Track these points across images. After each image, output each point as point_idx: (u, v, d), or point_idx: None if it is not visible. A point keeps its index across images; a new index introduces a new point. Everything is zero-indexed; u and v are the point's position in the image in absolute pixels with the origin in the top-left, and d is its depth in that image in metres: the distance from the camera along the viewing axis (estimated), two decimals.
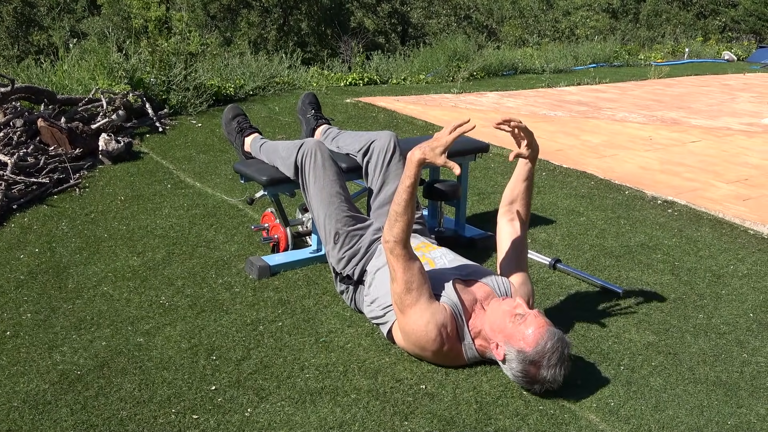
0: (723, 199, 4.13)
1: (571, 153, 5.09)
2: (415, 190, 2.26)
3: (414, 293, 2.24)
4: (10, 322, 2.52)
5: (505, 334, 2.18)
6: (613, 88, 8.54)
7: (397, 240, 2.25)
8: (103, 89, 5.29)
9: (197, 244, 3.24)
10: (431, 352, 2.27)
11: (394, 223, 2.26)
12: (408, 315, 2.25)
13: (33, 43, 19.91)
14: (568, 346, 2.16)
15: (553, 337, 2.12)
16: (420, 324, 2.23)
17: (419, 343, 2.26)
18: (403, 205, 2.25)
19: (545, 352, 2.10)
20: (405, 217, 2.25)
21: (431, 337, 2.23)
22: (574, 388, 2.22)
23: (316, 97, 3.40)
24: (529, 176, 2.54)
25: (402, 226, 2.25)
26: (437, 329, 2.22)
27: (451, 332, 2.25)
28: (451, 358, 2.29)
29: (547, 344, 2.11)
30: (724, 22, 21.72)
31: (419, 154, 2.24)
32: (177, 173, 4.32)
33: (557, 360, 2.11)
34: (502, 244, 2.55)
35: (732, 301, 2.89)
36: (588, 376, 2.30)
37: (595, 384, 2.26)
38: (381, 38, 23.23)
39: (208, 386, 2.16)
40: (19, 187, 3.77)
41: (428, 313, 2.23)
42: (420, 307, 2.24)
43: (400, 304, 2.27)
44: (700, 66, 11.49)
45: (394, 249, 2.26)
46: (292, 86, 7.15)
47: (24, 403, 2.05)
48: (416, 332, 2.25)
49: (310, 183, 2.76)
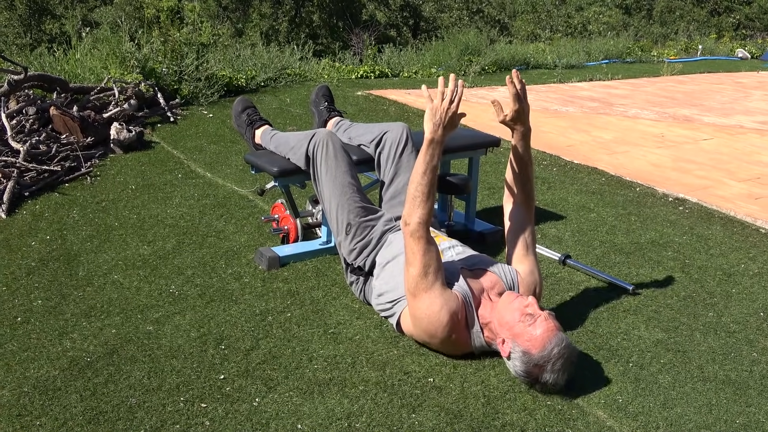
0: (735, 198, 4.11)
1: (582, 149, 5.07)
2: (436, 173, 2.28)
3: (430, 277, 2.23)
4: (21, 309, 2.53)
5: (513, 332, 2.17)
6: (625, 84, 8.50)
7: (422, 221, 2.24)
8: (115, 78, 5.31)
9: (207, 234, 3.25)
10: (439, 339, 2.26)
11: (420, 204, 2.25)
12: (422, 299, 2.24)
13: (46, 32, 19.97)
14: (574, 352, 2.14)
15: (560, 343, 2.10)
16: (434, 309, 2.23)
17: (430, 330, 2.26)
18: (429, 187, 2.25)
19: (551, 357, 2.09)
20: (431, 198, 2.26)
21: (443, 323, 2.22)
22: (582, 384, 2.22)
23: (329, 89, 3.40)
24: (526, 156, 2.47)
25: (428, 207, 2.26)
26: (449, 316, 2.22)
27: (462, 320, 2.25)
28: (457, 346, 2.28)
29: (554, 350, 2.09)
30: (738, 20, 21.57)
31: (441, 132, 2.27)
32: (188, 163, 4.32)
33: (561, 365, 2.10)
34: (509, 232, 2.54)
35: (742, 299, 2.87)
36: (596, 372, 2.29)
37: (603, 380, 2.25)
38: (392, 31, 23.19)
39: (216, 375, 2.17)
40: (31, 174, 3.79)
41: (442, 299, 2.23)
42: (434, 292, 2.23)
43: (414, 289, 2.25)
44: (714, 63, 11.42)
45: (417, 231, 2.24)
46: (303, 78, 7.15)
47: (34, 388, 2.06)
48: (429, 318, 2.24)
49: (322, 173, 2.76)
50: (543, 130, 5.58)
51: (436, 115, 2.29)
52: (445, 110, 2.27)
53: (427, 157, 2.27)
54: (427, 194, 2.25)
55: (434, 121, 2.28)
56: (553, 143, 5.18)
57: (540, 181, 4.31)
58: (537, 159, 4.79)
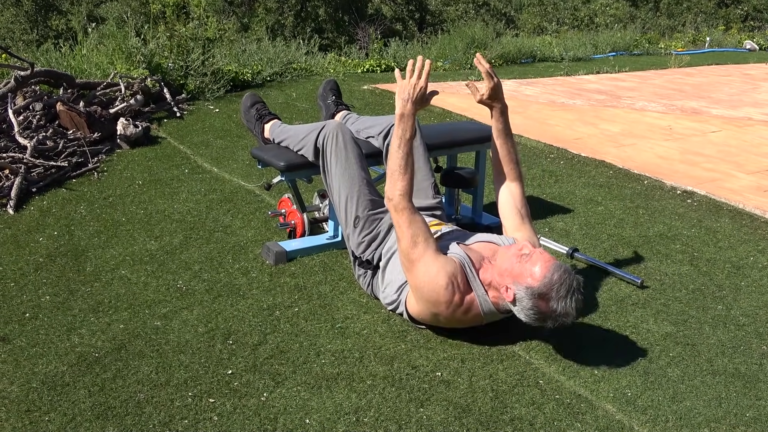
0: (743, 190, 4.09)
1: (589, 142, 5.05)
2: (412, 146, 2.44)
3: (420, 245, 2.29)
4: (30, 304, 2.54)
5: (513, 275, 2.20)
6: (632, 76, 8.46)
7: (402, 193, 2.37)
8: (121, 74, 5.31)
9: (214, 229, 3.25)
10: (445, 305, 2.26)
11: (399, 177, 2.39)
12: (417, 268, 2.28)
13: (52, 28, 19.98)
14: (576, 279, 2.17)
15: (559, 269, 2.15)
16: (430, 274, 2.26)
17: (431, 297, 2.27)
18: (406, 159, 2.41)
19: (553, 284, 2.13)
20: (408, 170, 2.39)
21: (441, 285, 2.24)
22: (591, 377, 2.22)
23: (337, 83, 3.39)
24: (508, 131, 2.60)
25: (407, 178, 2.39)
26: (447, 278, 2.24)
27: (462, 282, 2.26)
28: (465, 312, 2.28)
29: (554, 276, 2.13)
30: (747, 11, 21.42)
31: (410, 107, 2.45)
32: (194, 158, 4.33)
33: (566, 291, 2.13)
34: (503, 209, 2.59)
35: (752, 292, 2.86)
36: (605, 366, 2.29)
37: (612, 374, 2.24)
38: (398, 25, 23.14)
39: (224, 370, 2.17)
40: (38, 170, 3.80)
41: (438, 264, 2.27)
42: (428, 258, 2.28)
43: (408, 262, 2.32)
44: (722, 55, 11.35)
45: (399, 203, 2.36)
46: (309, 72, 7.14)
47: (43, 384, 2.07)
48: (428, 284, 2.26)
49: (332, 165, 2.75)
50: (550, 123, 5.56)
51: (405, 91, 2.46)
52: (413, 86, 2.45)
53: (399, 131, 2.44)
54: (404, 167, 2.40)
55: (403, 96, 2.46)
56: (561, 136, 5.15)
57: (547, 174, 4.30)
58: (544, 152, 4.77)
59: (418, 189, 2.78)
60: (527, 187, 4.03)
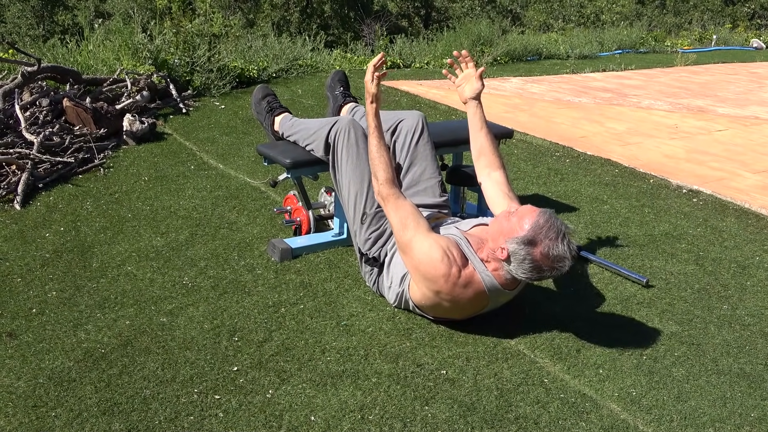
0: (749, 190, 4.08)
1: (595, 140, 5.05)
2: (381, 135, 2.57)
3: (411, 227, 2.37)
4: (36, 300, 2.55)
5: (503, 233, 2.25)
6: (638, 74, 8.44)
7: (383, 181, 2.48)
8: (127, 70, 5.32)
9: (220, 226, 3.26)
10: (443, 279, 2.28)
11: (377, 165, 2.51)
12: (411, 249, 2.34)
13: (58, 23, 20.02)
14: (563, 223, 2.22)
15: (545, 214, 2.22)
16: (424, 250, 2.31)
17: (429, 273, 2.29)
18: (377, 147, 2.53)
19: (540, 228, 2.18)
20: (382, 159, 2.51)
21: (437, 258, 2.27)
22: (596, 376, 2.22)
23: (345, 75, 3.38)
24: (483, 121, 2.70)
25: (383, 167, 2.49)
26: (441, 250, 2.28)
27: (458, 256, 2.30)
28: (465, 286, 2.29)
29: (540, 220, 2.20)
30: (753, 9, 21.35)
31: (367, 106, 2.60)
32: (200, 155, 4.33)
33: (555, 234, 2.18)
34: (494, 198, 2.61)
35: (757, 292, 2.86)
36: (610, 365, 2.29)
37: (617, 373, 2.25)
38: (404, 21, 23.12)
39: (230, 367, 2.17)
40: (44, 166, 3.81)
41: (430, 240, 2.33)
42: (420, 237, 2.35)
43: (402, 246, 2.39)
44: (728, 53, 11.32)
45: (383, 191, 2.47)
46: (315, 69, 7.13)
47: (49, 379, 2.08)
48: (423, 261, 2.30)
49: (342, 161, 2.75)
50: (555, 121, 5.55)
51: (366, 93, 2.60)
52: (367, 83, 2.59)
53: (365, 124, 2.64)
54: (377, 156, 2.52)
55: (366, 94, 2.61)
56: (566, 134, 5.15)
57: (553, 172, 4.29)
58: (550, 150, 4.77)
59: (425, 187, 2.79)
60: (533, 185, 4.03)
